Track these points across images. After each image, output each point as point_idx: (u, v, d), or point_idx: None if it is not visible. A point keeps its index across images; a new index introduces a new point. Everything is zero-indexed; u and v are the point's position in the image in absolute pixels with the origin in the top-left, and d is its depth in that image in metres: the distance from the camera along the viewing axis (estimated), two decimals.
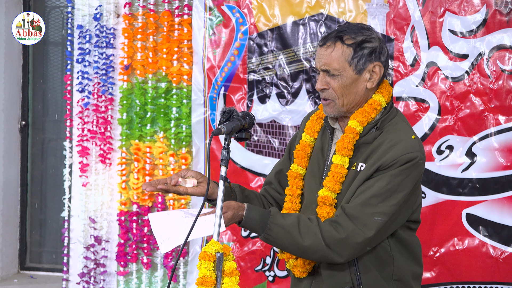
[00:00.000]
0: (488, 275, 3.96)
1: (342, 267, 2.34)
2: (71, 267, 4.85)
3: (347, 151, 2.33)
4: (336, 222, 2.26)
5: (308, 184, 2.46)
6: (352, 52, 2.31)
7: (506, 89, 3.94)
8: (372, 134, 2.34)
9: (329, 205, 2.33)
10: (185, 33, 4.52)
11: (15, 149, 5.47)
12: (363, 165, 2.31)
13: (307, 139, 2.49)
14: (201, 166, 4.51)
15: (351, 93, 2.34)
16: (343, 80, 2.32)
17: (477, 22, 3.96)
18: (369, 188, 2.26)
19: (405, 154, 2.26)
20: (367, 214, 2.24)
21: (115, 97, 4.72)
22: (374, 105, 2.35)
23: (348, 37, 2.33)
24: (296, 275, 2.41)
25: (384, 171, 2.26)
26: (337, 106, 2.36)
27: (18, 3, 5.39)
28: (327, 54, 2.33)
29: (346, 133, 2.34)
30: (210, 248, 2.17)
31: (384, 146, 2.29)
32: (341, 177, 2.32)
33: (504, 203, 3.94)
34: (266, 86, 4.35)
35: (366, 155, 2.32)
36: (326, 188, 2.34)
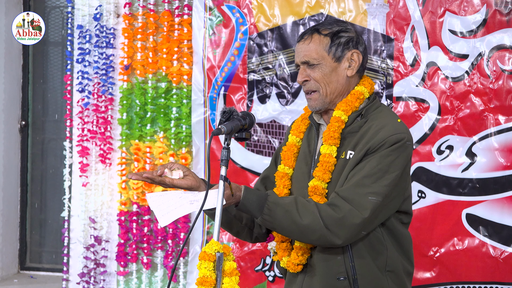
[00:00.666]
0: (488, 275, 3.96)
1: (335, 257, 2.34)
2: (71, 267, 4.85)
3: (333, 139, 2.36)
4: (332, 204, 2.27)
5: (296, 182, 2.47)
6: (329, 41, 2.37)
7: (506, 89, 3.94)
8: (357, 122, 2.38)
9: (319, 194, 2.34)
10: (185, 33, 4.52)
11: (15, 149, 5.47)
12: (351, 152, 2.34)
13: (293, 140, 2.52)
14: (201, 166, 4.51)
15: (333, 82, 2.38)
16: (323, 69, 2.38)
17: (477, 22, 3.96)
18: (360, 170, 2.28)
19: (392, 135, 2.29)
20: (361, 194, 2.25)
21: (115, 97, 4.72)
22: (357, 95, 2.39)
23: (324, 29, 2.40)
24: (291, 270, 2.42)
25: (373, 153, 2.29)
26: (322, 97, 2.40)
27: (18, 3, 5.39)
28: (306, 46, 2.39)
29: (332, 123, 2.37)
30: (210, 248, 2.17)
31: (371, 131, 2.33)
32: (330, 165, 2.35)
33: (504, 203, 3.94)
34: (266, 86, 4.35)
35: (354, 143, 2.35)
36: (316, 178, 2.36)
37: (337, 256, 2.34)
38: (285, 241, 2.45)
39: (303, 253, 2.38)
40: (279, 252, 2.46)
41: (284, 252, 2.44)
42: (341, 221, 2.24)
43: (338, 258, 2.34)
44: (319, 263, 2.37)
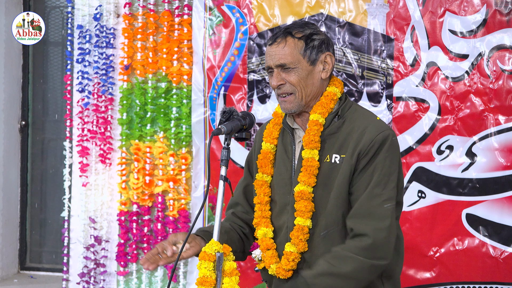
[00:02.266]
0: (488, 275, 3.96)
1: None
2: (71, 267, 4.85)
3: (314, 143, 2.36)
4: (355, 235, 2.28)
5: (278, 188, 2.46)
6: (303, 44, 2.37)
7: (506, 89, 3.94)
8: (335, 124, 2.38)
9: (306, 199, 2.34)
10: (185, 33, 4.52)
11: (15, 149, 5.47)
12: (337, 156, 2.34)
13: (267, 147, 2.50)
14: (201, 166, 4.51)
15: (308, 85, 2.38)
16: (299, 73, 2.37)
17: (477, 22, 3.96)
18: (367, 181, 2.29)
19: (378, 134, 2.32)
20: (376, 205, 2.28)
21: (115, 97, 4.72)
22: (330, 96, 2.40)
23: (296, 31, 2.38)
24: (282, 276, 2.40)
25: (366, 157, 2.30)
26: (297, 100, 2.39)
27: (18, 3, 5.39)
28: (280, 49, 2.37)
29: (310, 127, 2.37)
30: (210, 248, 2.17)
31: (355, 134, 2.34)
32: (314, 169, 2.35)
33: (504, 203, 3.94)
34: (266, 86, 4.35)
35: (338, 146, 2.36)
36: (301, 183, 2.36)
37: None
38: (270, 249, 2.44)
39: (293, 259, 2.37)
40: (266, 259, 2.44)
41: (271, 259, 2.43)
42: (374, 245, 2.25)
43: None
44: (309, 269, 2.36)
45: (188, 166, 4.57)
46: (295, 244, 2.36)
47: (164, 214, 4.62)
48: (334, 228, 2.34)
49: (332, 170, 2.34)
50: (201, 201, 4.49)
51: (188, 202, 4.58)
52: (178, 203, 4.57)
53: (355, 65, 4.18)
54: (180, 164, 4.57)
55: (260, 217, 2.47)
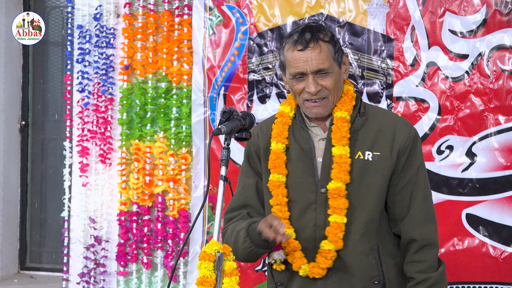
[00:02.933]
0: (488, 275, 3.96)
1: (371, 261, 2.35)
2: (71, 267, 4.85)
3: (346, 140, 2.36)
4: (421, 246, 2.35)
5: (297, 188, 2.42)
6: (332, 48, 2.36)
7: (506, 89, 3.94)
8: (358, 120, 2.40)
9: (342, 196, 2.33)
10: (185, 33, 4.52)
11: (15, 149, 5.47)
12: (369, 153, 2.36)
13: (279, 147, 2.45)
14: (201, 166, 4.51)
15: (339, 88, 2.39)
16: (334, 77, 2.36)
17: (477, 22, 3.96)
18: (415, 183, 2.37)
19: (410, 130, 2.38)
20: (429, 207, 2.39)
21: (115, 97, 4.72)
22: (350, 94, 2.42)
23: (323, 35, 2.37)
24: (317, 275, 2.37)
25: (405, 154, 2.36)
26: (330, 104, 2.38)
27: (18, 3, 5.39)
28: (317, 54, 2.33)
29: (339, 123, 2.37)
30: (210, 248, 2.17)
31: (387, 131, 2.37)
32: (347, 166, 2.34)
33: (504, 203, 3.94)
34: (266, 86, 4.35)
35: (368, 143, 2.37)
36: (336, 180, 2.34)
37: (372, 260, 2.35)
38: (297, 250, 2.40)
39: (331, 257, 2.34)
40: (296, 261, 2.39)
41: (301, 260, 2.39)
42: (437, 250, 2.38)
43: (373, 262, 2.35)
44: (353, 266, 2.35)
45: (188, 166, 4.57)
46: (333, 242, 2.34)
47: (164, 214, 4.62)
48: (373, 226, 2.35)
49: (366, 167, 2.35)
50: (201, 201, 4.49)
51: (188, 202, 4.58)
52: (178, 203, 4.57)
53: (355, 65, 4.18)
54: (180, 164, 4.57)
55: (281, 218, 2.42)
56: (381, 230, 2.37)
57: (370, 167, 2.35)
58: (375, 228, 2.35)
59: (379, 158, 2.35)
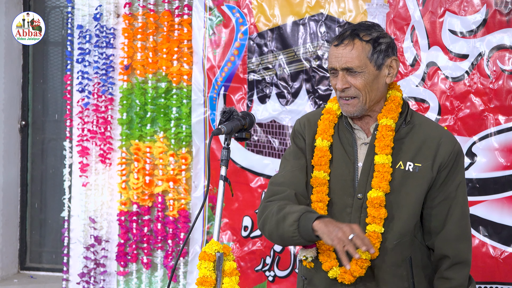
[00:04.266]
0: (488, 275, 3.96)
1: (402, 272, 2.34)
2: (71, 267, 4.86)
3: (389, 149, 2.34)
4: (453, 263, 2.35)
5: (336, 189, 2.40)
6: (371, 48, 2.31)
7: (506, 89, 3.94)
8: (403, 129, 2.37)
9: (381, 206, 2.31)
10: (185, 33, 4.52)
11: (15, 149, 5.47)
12: (411, 164, 2.33)
13: (324, 144, 2.43)
14: (201, 166, 4.51)
15: (373, 90, 2.34)
16: (366, 77, 2.32)
17: (477, 22, 3.96)
18: (454, 199, 2.34)
19: (455, 145, 2.36)
20: (466, 224, 2.37)
21: (115, 97, 4.72)
22: (397, 100, 2.38)
23: (364, 34, 2.32)
24: (346, 281, 2.34)
25: (446, 169, 2.33)
26: (361, 104, 2.34)
27: (18, 3, 5.39)
28: (347, 52, 2.31)
29: (383, 132, 2.34)
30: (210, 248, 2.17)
31: (432, 143, 2.34)
32: (388, 175, 2.32)
33: (504, 203, 3.94)
34: (266, 86, 4.35)
35: (412, 153, 2.34)
36: (376, 189, 2.32)
37: (403, 272, 2.33)
38: (331, 250, 2.37)
39: (366, 266, 2.31)
40: (328, 262, 2.36)
41: (332, 262, 2.35)
42: (469, 269, 2.42)
43: (404, 274, 2.33)
44: (384, 276, 2.34)
45: (188, 166, 4.57)
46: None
47: (164, 214, 4.62)
48: (407, 237, 2.33)
49: (406, 178, 2.32)
50: (201, 201, 4.49)
51: (188, 202, 4.58)
52: (178, 203, 4.57)
53: None
54: (180, 164, 4.57)
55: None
56: (415, 242, 2.35)
57: (410, 178, 2.32)
58: (409, 239, 2.33)
59: (420, 169, 2.31)
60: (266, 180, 4.36)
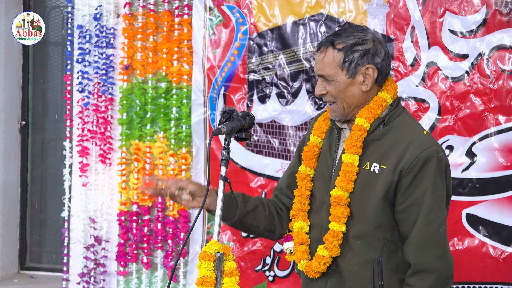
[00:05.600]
0: (488, 275, 3.96)
1: (365, 274, 2.33)
2: (71, 267, 4.85)
3: (356, 148, 2.33)
4: (416, 271, 2.28)
5: (318, 185, 2.45)
6: (342, 57, 2.31)
7: (506, 89, 3.94)
8: (380, 130, 2.35)
9: (342, 205, 2.32)
10: (185, 33, 4.52)
11: (15, 149, 5.47)
12: (376, 165, 2.31)
13: (314, 140, 2.48)
14: (201, 166, 4.51)
15: (348, 97, 2.34)
16: (337, 85, 2.33)
17: (477, 22, 3.96)
18: (418, 205, 2.28)
19: (423, 151, 2.27)
20: (433, 231, 2.29)
21: (115, 97, 4.72)
22: (379, 102, 2.35)
23: (339, 41, 2.33)
24: (310, 275, 2.39)
25: (409, 175, 2.27)
26: (340, 110, 2.36)
27: (18, 3, 5.39)
28: (320, 59, 2.35)
29: (354, 131, 2.34)
30: (210, 248, 2.17)
31: (399, 147, 2.30)
32: (352, 175, 2.32)
33: (504, 203, 3.94)
34: (266, 86, 4.35)
35: (379, 155, 2.32)
36: (338, 187, 2.33)
37: (367, 273, 2.33)
38: (304, 244, 2.43)
39: (325, 263, 2.35)
40: (298, 254, 2.42)
41: (303, 255, 2.41)
42: (437, 279, 2.27)
43: (367, 275, 2.33)
44: (349, 275, 2.35)
45: (188, 166, 4.57)
46: (328, 249, 2.34)
47: (164, 214, 4.62)
48: (370, 240, 2.32)
49: (370, 179, 2.32)
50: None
51: None
52: None
53: None
54: (180, 164, 4.57)
55: (299, 210, 2.46)
56: (388, 245, 2.33)
57: (373, 179, 2.31)
58: (375, 241, 2.32)
59: (384, 171, 2.29)
60: (266, 180, 4.36)
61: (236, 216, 2.47)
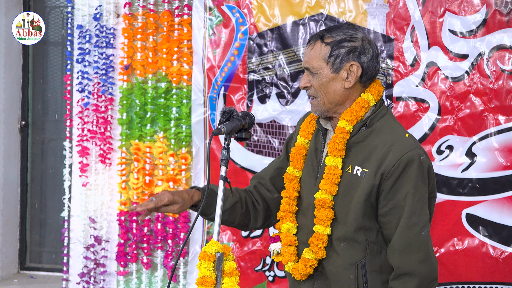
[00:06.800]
0: (488, 275, 3.96)
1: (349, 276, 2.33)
2: (71, 267, 4.85)
3: (338, 151, 2.34)
4: (398, 275, 2.27)
5: (305, 186, 2.46)
6: (329, 51, 2.34)
7: (506, 89, 3.94)
8: (362, 132, 2.35)
9: (326, 208, 2.33)
10: (185, 33, 4.52)
11: (15, 149, 5.47)
12: (359, 168, 2.31)
13: (301, 141, 2.49)
14: (201, 166, 4.51)
15: (329, 92, 2.35)
16: (320, 79, 2.35)
17: (477, 22, 3.96)
18: (400, 209, 2.27)
19: (404, 155, 2.27)
20: (415, 235, 2.27)
21: (115, 97, 4.72)
22: (361, 104, 2.35)
23: (328, 36, 2.35)
24: (297, 278, 2.40)
25: (390, 178, 2.27)
26: (320, 105, 2.37)
27: (18, 3, 5.39)
28: (308, 52, 2.38)
29: (336, 133, 2.35)
30: (210, 248, 2.17)
31: (380, 150, 2.30)
32: (336, 178, 2.33)
33: (504, 203, 3.94)
34: (266, 86, 4.35)
35: (361, 158, 2.32)
36: (322, 190, 2.34)
37: (351, 275, 2.33)
38: (292, 245, 2.44)
39: (311, 265, 2.36)
40: (286, 256, 2.43)
41: (290, 257, 2.42)
42: (420, 282, 2.25)
43: (351, 277, 2.33)
44: (334, 277, 2.36)
45: (188, 166, 4.57)
46: (314, 252, 2.35)
47: (164, 214, 4.62)
48: (353, 242, 2.32)
49: (352, 182, 2.32)
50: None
51: None
52: None
53: None
54: (180, 164, 4.57)
55: (287, 211, 2.46)
56: (371, 247, 2.33)
57: (355, 182, 2.31)
58: (358, 243, 2.32)
59: (366, 175, 2.30)
60: None
61: (213, 214, 2.45)
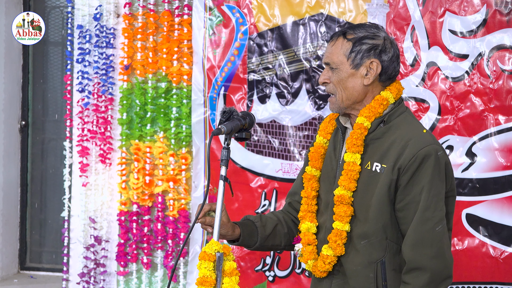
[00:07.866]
0: (488, 275, 3.96)
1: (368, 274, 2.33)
2: (71, 267, 4.85)
3: (357, 147, 2.34)
4: (410, 269, 2.26)
5: (324, 185, 2.46)
6: (350, 47, 2.35)
7: (506, 89, 3.94)
8: (380, 129, 2.35)
9: (345, 204, 2.33)
10: (185, 33, 4.52)
11: (15, 149, 5.47)
12: (378, 165, 2.32)
13: (320, 141, 2.50)
14: (201, 166, 4.51)
15: (348, 88, 2.36)
16: (339, 74, 2.36)
17: (477, 22, 3.96)
18: (415, 203, 2.27)
19: (421, 150, 2.27)
20: (428, 230, 2.26)
21: (115, 97, 4.72)
22: (380, 101, 2.36)
23: (351, 33, 2.37)
24: (317, 275, 2.40)
25: (407, 173, 2.27)
26: (338, 102, 2.38)
27: (18, 3, 5.39)
28: (329, 47, 2.39)
29: (354, 130, 2.35)
30: (210, 248, 2.17)
31: (398, 145, 2.30)
32: (354, 174, 2.33)
33: (504, 203, 3.94)
34: (266, 86, 4.35)
35: (379, 154, 2.33)
36: (341, 187, 2.34)
37: (370, 273, 2.33)
38: (311, 244, 2.44)
39: (330, 262, 2.36)
40: (305, 255, 2.44)
41: (310, 255, 2.43)
42: (432, 277, 2.25)
43: (370, 276, 2.33)
44: (353, 275, 2.36)
45: (188, 166, 4.57)
46: (333, 248, 2.35)
47: (164, 214, 4.62)
48: (375, 239, 2.32)
49: (372, 178, 2.32)
50: (201, 201, 4.49)
51: (188, 202, 4.58)
52: (178, 203, 4.57)
53: None
54: (180, 164, 4.57)
55: (306, 211, 2.47)
56: (391, 245, 2.33)
57: (375, 178, 2.32)
58: (378, 241, 2.32)
59: (384, 170, 2.30)
60: (266, 180, 4.36)
61: (258, 243, 2.49)
